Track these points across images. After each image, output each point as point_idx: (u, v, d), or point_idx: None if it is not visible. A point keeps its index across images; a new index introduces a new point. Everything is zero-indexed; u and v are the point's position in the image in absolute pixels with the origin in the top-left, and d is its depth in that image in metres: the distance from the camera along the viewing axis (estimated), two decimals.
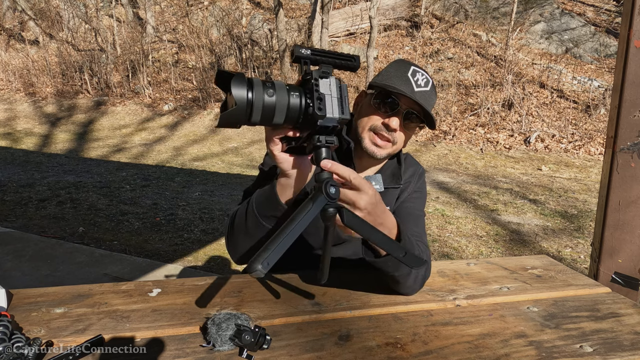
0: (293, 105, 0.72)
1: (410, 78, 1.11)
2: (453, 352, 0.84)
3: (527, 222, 4.73)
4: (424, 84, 1.11)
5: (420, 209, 1.27)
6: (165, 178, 6.31)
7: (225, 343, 0.81)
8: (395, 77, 1.12)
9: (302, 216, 0.71)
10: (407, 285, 1.04)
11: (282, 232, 0.69)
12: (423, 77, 1.12)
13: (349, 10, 13.07)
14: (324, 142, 0.75)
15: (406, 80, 1.10)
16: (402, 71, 1.12)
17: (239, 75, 0.69)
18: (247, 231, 1.01)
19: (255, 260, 0.65)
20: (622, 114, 1.32)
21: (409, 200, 1.26)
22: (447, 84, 10.69)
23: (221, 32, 13.12)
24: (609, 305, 1.06)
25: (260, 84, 0.70)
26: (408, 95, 1.07)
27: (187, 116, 10.79)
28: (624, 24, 1.34)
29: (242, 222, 1.02)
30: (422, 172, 1.33)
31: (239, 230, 1.03)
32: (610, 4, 13.78)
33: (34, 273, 3.09)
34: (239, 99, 0.67)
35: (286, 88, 0.72)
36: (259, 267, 0.64)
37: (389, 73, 1.14)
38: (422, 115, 1.11)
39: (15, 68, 13.06)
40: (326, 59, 0.77)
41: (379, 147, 1.13)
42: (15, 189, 5.41)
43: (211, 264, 3.45)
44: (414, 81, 1.10)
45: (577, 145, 8.46)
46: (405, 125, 1.12)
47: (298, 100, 0.73)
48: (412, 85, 1.10)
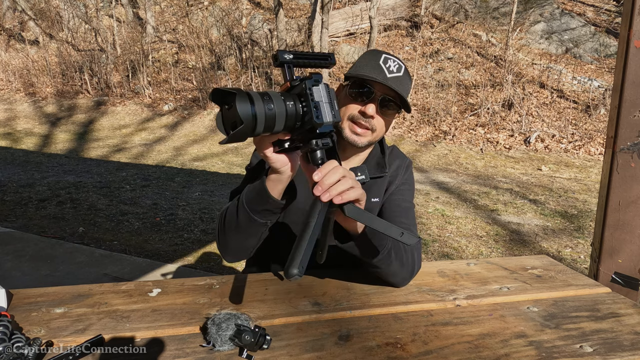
0: (290, 113, 0.77)
1: (382, 65, 1.14)
2: (453, 352, 0.84)
3: (527, 222, 4.73)
4: (396, 70, 1.15)
5: (410, 200, 1.30)
6: (165, 178, 6.31)
7: (225, 343, 0.81)
8: (368, 66, 1.15)
9: (316, 217, 0.77)
10: (392, 273, 1.07)
11: (303, 236, 0.74)
12: (395, 64, 1.15)
13: (349, 10, 13.07)
14: (320, 145, 0.82)
15: (378, 68, 1.14)
16: (374, 60, 1.16)
17: (240, 93, 0.72)
18: (239, 227, 1.03)
19: (290, 266, 0.70)
20: (622, 114, 1.32)
21: (398, 192, 1.29)
22: (447, 84, 10.69)
23: (221, 32, 13.12)
24: (609, 305, 1.06)
25: (259, 98, 0.73)
26: (381, 82, 1.10)
27: (187, 116, 10.80)
28: (624, 24, 1.34)
29: (233, 219, 1.04)
30: (409, 164, 1.36)
31: (230, 227, 1.06)
32: (610, 4, 13.78)
33: (34, 273, 3.09)
34: (245, 117, 0.71)
35: (281, 98, 0.77)
36: (295, 272, 0.69)
37: (361, 63, 1.18)
38: (397, 101, 1.15)
39: (15, 68, 13.06)
40: (307, 61, 0.83)
41: (359, 136, 1.16)
42: (15, 189, 5.41)
43: (211, 264, 3.45)
44: (385, 68, 1.14)
45: (577, 145, 8.46)
46: (382, 111, 1.15)
47: (294, 108, 0.78)
48: (384, 72, 1.13)
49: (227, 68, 11.65)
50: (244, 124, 0.70)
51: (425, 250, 3.87)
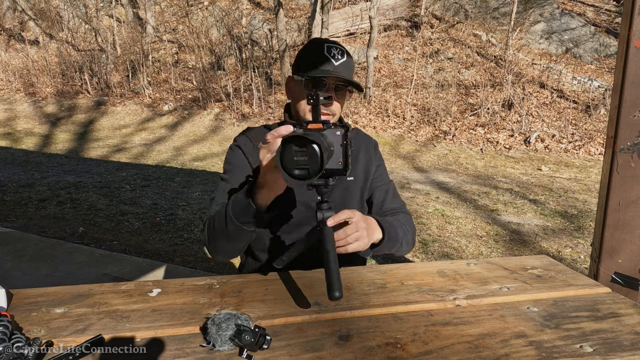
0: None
1: (327, 56, 1.22)
2: (453, 352, 0.84)
3: (527, 222, 4.73)
4: (340, 56, 1.23)
5: (389, 180, 1.44)
6: (165, 178, 6.31)
7: (225, 343, 0.81)
8: (315, 57, 1.23)
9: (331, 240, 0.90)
10: (403, 252, 1.29)
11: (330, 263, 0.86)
12: (338, 50, 1.24)
13: (349, 10, 13.07)
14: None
15: (325, 59, 1.22)
16: (319, 51, 1.23)
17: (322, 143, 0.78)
18: (229, 237, 1.09)
19: (332, 290, 0.83)
20: (622, 114, 1.32)
21: (378, 178, 1.42)
22: (447, 84, 10.69)
23: (221, 32, 13.12)
24: (609, 305, 1.06)
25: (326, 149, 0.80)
26: (333, 75, 1.20)
27: (187, 116, 10.79)
28: (624, 24, 1.34)
29: (222, 229, 1.09)
30: (376, 144, 1.48)
31: (221, 236, 1.11)
32: (610, 4, 13.78)
33: (34, 273, 3.09)
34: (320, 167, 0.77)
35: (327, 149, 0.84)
36: (337, 295, 0.83)
37: (307, 57, 1.25)
38: (348, 84, 1.24)
39: (15, 68, 13.06)
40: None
41: None
42: (15, 189, 5.41)
43: (211, 264, 3.45)
44: (331, 57, 1.22)
45: (577, 146, 8.46)
46: (337, 95, 1.25)
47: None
48: (331, 61, 1.22)
49: (227, 68, 11.65)
50: (318, 173, 0.77)
51: (425, 250, 3.87)
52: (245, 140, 1.32)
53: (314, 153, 0.75)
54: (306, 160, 0.76)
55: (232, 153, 1.33)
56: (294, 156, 0.77)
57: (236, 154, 1.31)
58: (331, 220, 0.94)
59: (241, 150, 1.30)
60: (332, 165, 0.88)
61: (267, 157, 0.92)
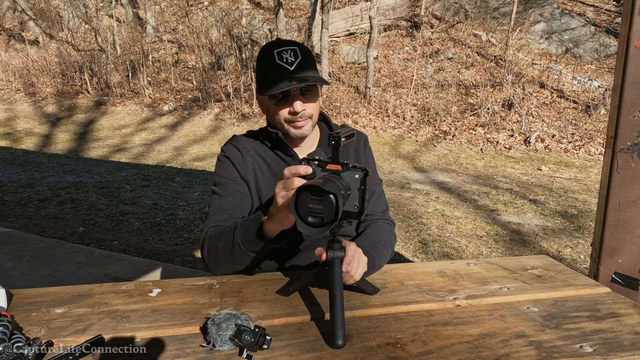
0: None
1: (280, 63, 1.15)
2: (453, 352, 0.84)
3: (527, 222, 4.73)
4: (293, 57, 1.16)
5: (377, 181, 1.37)
6: (165, 178, 6.31)
7: (225, 343, 0.81)
8: (270, 71, 1.17)
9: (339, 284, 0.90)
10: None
11: (335, 309, 0.85)
12: (289, 52, 1.16)
13: (349, 10, 13.07)
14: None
15: (280, 68, 1.15)
16: (270, 61, 1.16)
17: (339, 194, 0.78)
18: (234, 260, 1.11)
19: (335, 337, 0.83)
20: (622, 114, 1.32)
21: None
22: (447, 84, 10.69)
23: (221, 32, 13.12)
24: (609, 305, 1.06)
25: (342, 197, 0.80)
26: (293, 86, 1.12)
27: (187, 116, 10.79)
28: (624, 24, 1.34)
29: (227, 252, 1.11)
30: (366, 138, 1.42)
31: (226, 258, 1.13)
32: (610, 4, 13.78)
33: (34, 273, 3.09)
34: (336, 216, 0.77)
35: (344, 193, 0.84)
36: (340, 343, 0.82)
37: (263, 71, 1.20)
38: (313, 82, 1.16)
39: (15, 68, 13.05)
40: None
41: (302, 128, 1.21)
42: (15, 189, 5.41)
43: None
44: (285, 63, 1.15)
45: (577, 145, 8.46)
46: (306, 98, 1.19)
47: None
48: (286, 67, 1.14)
49: (227, 68, 11.65)
50: (332, 224, 0.77)
51: (425, 250, 3.87)
52: (232, 150, 1.30)
53: (329, 202, 0.75)
54: (321, 208, 0.76)
55: (221, 165, 1.31)
56: (308, 203, 0.77)
57: (225, 166, 1.29)
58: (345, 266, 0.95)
59: (230, 160, 1.29)
60: (347, 207, 0.87)
61: (281, 195, 0.93)
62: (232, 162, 1.28)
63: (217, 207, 1.25)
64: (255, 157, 1.29)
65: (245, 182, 1.27)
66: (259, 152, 1.31)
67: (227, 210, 1.23)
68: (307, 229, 0.77)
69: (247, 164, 1.28)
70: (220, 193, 1.26)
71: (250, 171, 1.27)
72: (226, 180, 1.27)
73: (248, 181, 1.27)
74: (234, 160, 1.28)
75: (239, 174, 1.27)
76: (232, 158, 1.29)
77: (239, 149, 1.30)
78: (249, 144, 1.32)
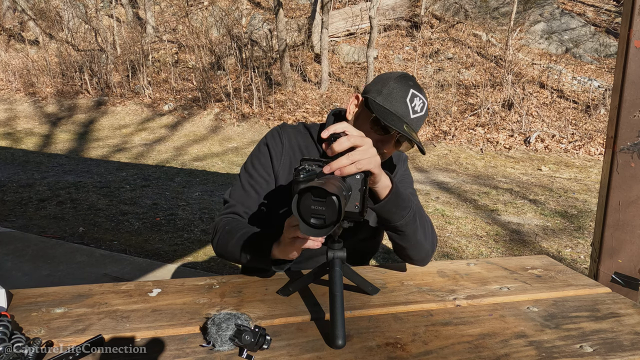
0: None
1: (408, 104, 1.12)
2: (453, 352, 0.84)
3: (527, 222, 4.73)
4: (419, 109, 1.14)
5: (412, 189, 1.36)
6: (165, 178, 6.31)
7: (225, 343, 0.81)
8: (395, 100, 1.12)
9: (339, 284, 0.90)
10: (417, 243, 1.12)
11: (336, 309, 0.86)
12: (420, 102, 1.14)
13: (349, 10, 13.07)
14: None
15: (404, 106, 1.12)
16: (402, 95, 1.13)
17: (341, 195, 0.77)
18: (239, 261, 1.17)
19: (335, 338, 0.83)
20: (622, 114, 1.32)
21: (401, 183, 1.35)
22: (447, 84, 10.69)
23: (221, 32, 13.12)
24: (609, 305, 1.06)
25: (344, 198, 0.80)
26: (404, 133, 1.07)
27: (187, 116, 10.80)
28: (624, 24, 1.34)
29: (234, 254, 1.15)
30: (405, 158, 1.42)
31: (231, 256, 1.18)
32: (610, 4, 13.79)
33: (34, 273, 3.09)
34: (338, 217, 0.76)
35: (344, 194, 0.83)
36: (340, 343, 0.83)
37: (388, 93, 1.13)
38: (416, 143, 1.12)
39: (15, 68, 13.05)
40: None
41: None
42: (15, 189, 5.41)
43: (211, 264, 3.45)
44: (411, 107, 1.12)
45: (577, 145, 8.46)
46: (396, 146, 1.18)
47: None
48: (409, 111, 1.12)
49: (227, 68, 11.65)
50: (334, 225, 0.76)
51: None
52: (275, 141, 1.27)
53: (332, 204, 0.75)
54: (323, 210, 0.76)
55: (258, 153, 1.28)
56: (311, 205, 0.77)
57: (261, 156, 1.27)
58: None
59: (268, 151, 1.26)
60: (349, 208, 0.87)
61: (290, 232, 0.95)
62: (270, 153, 1.26)
63: (237, 197, 1.25)
64: (295, 154, 1.26)
65: (275, 177, 1.25)
66: (302, 148, 1.27)
67: (246, 205, 1.25)
68: (310, 230, 0.77)
69: (284, 159, 1.25)
70: (245, 184, 1.26)
71: (286, 168, 1.25)
72: (255, 173, 1.26)
73: (279, 177, 1.25)
74: (273, 152, 1.25)
75: (273, 168, 1.25)
76: (272, 149, 1.26)
77: (282, 142, 1.27)
78: (294, 137, 1.28)
